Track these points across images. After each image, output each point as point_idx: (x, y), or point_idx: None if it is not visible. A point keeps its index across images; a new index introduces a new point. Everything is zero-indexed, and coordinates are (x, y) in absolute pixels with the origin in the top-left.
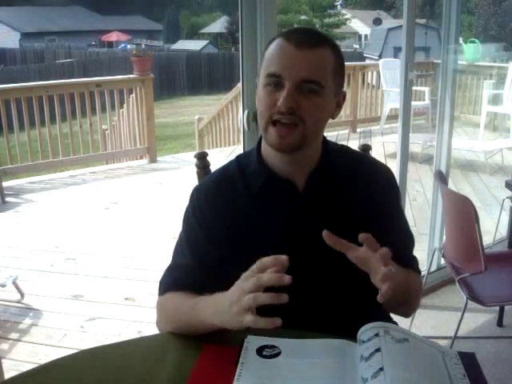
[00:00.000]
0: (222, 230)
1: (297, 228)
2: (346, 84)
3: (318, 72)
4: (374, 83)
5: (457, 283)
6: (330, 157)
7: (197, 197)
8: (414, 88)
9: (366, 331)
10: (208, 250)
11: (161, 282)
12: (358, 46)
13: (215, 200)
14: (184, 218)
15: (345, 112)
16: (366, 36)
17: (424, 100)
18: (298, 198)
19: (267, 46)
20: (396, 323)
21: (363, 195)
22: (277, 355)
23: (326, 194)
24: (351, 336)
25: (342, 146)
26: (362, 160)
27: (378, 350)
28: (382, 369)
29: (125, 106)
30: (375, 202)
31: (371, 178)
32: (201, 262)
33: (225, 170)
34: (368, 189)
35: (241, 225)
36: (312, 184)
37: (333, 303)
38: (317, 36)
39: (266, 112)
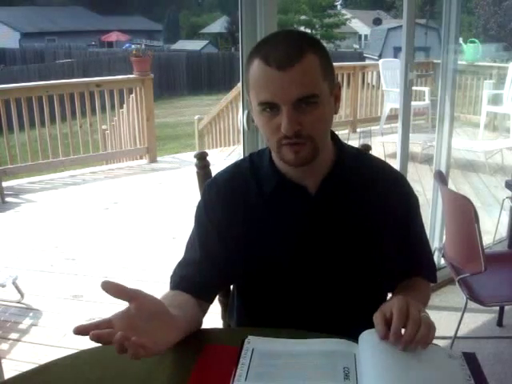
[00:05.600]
0: (233, 228)
1: (306, 232)
2: (345, 84)
3: (309, 85)
4: (374, 83)
5: (457, 283)
6: (344, 162)
7: (209, 193)
8: (414, 88)
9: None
10: (218, 247)
11: (171, 278)
12: (357, 46)
13: (227, 198)
14: (196, 214)
15: (345, 112)
16: (365, 36)
17: (424, 100)
18: (310, 202)
19: (247, 65)
20: None
21: (377, 204)
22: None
23: (338, 199)
24: (352, 336)
25: (359, 150)
26: (378, 167)
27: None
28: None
29: (125, 106)
30: (389, 212)
31: (386, 186)
32: (211, 258)
33: (238, 167)
34: (383, 198)
35: (251, 224)
36: (324, 189)
37: (335, 304)
38: (295, 46)
39: (273, 137)
